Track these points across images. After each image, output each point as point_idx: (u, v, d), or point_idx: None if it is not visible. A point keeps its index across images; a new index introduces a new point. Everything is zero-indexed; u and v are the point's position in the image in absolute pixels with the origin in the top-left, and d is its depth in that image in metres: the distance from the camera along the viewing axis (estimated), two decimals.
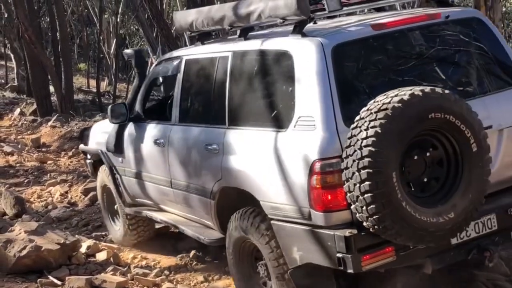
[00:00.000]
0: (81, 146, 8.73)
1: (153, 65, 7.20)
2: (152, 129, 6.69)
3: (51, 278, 6.64)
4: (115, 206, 7.72)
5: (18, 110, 18.54)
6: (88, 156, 8.28)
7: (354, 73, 4.91)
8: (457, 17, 5.35)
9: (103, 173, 7.77)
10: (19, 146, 14.19)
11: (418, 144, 4.49)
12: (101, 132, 7.74)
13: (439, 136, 4.54)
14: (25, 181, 11.40)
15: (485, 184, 4.60)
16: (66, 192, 10.21)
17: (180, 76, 6.36)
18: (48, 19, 23.00)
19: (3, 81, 26.65)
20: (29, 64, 18.83)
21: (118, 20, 26.36)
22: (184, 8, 21.63)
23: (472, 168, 4.53)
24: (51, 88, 18.87)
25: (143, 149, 6.80)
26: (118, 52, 24.15)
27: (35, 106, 18.34)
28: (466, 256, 4.90)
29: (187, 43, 6.77)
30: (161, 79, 7.30)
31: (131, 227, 7.53)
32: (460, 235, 4.75)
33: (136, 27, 26.44)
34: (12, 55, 25.26)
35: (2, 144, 14.20)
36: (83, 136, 8.53)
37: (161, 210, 6.95)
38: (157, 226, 7.62)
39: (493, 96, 5.14)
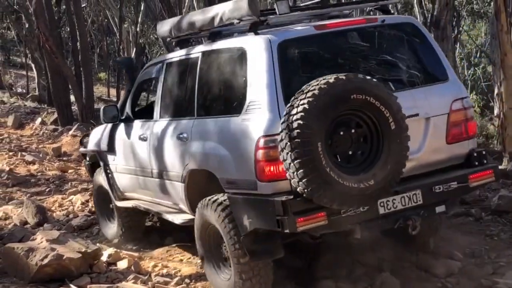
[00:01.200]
0: (81, 148, 9.40)
1: (142, 70, 7.92)
2: (139, 127, 7.49)
3: (72, 286, 6.66)
4: (110, 205, 8.40)
5: (39, 120, 18.67)
6: (87, 158, 9.05)
7: (296, 64, 5.77)
8: (393, 22, 6.21)
9: (98, 174, 8.51)
10: (41, 155, 14.29)
11: (345, 122, 5.24)
12: (98, 135, 8.48)
13: (362, 115, 5.25)
14: (47, 190, 11.49)
15: (403, 158, 5.31)
16: (87, 201, 10.25)
17: (161, 77, 7.18)
18: (68, 29, 23.16)
19: (24, 90, 26.86)
20: (50, 74, 18.94)
21: (138, 29, 26.52)
22: None
23: (391, 144, 5.25)
24: (72, 98, 18.98)
25: (131, 146, 7.60)
26: (138, 61, 24.27)
27: (56, 115, 18.46)
28: (393, 225, 5.57)
29: None
30: (147, 82, 8.04)
31: (122, 222, 8.22)
32: (387, 207, 5.48)
33: (156, 36, 26.54)
34: (33, 65, 25.46)
35: (23, 153, 14.30)
36: (83, 141, 9.38)
37: (145, 200, 7.66)
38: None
39: (422, 89, 5.91)
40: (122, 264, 7.21)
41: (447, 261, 6.66)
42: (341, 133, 5.22)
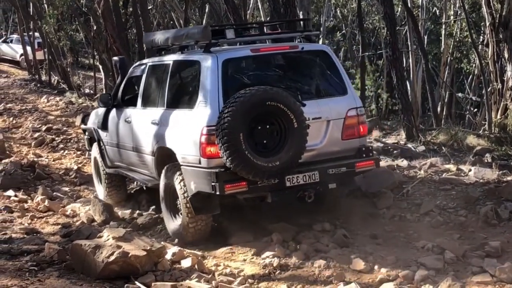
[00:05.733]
0: (82, 125, 12.08)
1: (131, 68, 10.03)
2: (125, 112, 9.69)
3: (137, 283, 6.75)
4: (102, 171, 10.65)
5: None
6: (86, 133, 11.45)
7: (234, 76, 7.87)
8: (310, 49, 8.38)
9: (95, 147, 10.83)
10: None
11: (262, 120, 7.40)
12: (95, 115, 10.83)
13: (274, 116, 7.41)
14: (129, 191, 11.63)
15: (302, 147, 7.48)
16: (152, 199, 10.38)
17: (144, 76, 9.36)
18: (135, 31, 23.51)
19: (92, 91, 27.34)
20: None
21: None
22: (268, 18, 21.72)
23: (293, 137, 7.41)
24: None
25: (119, 126, 9.83)
26: None
27: None
28: (295, 195, 7.80)
29: None
30: (134, 78, 9.85)
31: (109, 184, 10.52)
32: (292, 181, 7.63)
33: None
34: (100, 66, 25.85)
35: (90, 152, 14.57)
36: (84, 119, 11.86)
37: (127, 168, 9.86)
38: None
39: (325, 100, 8.08)
40: (185, 263, 7.27)
41: None
42: (259, 128, 7.41)
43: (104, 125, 10.29)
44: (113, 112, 10.08)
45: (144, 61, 9.86)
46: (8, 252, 7.83)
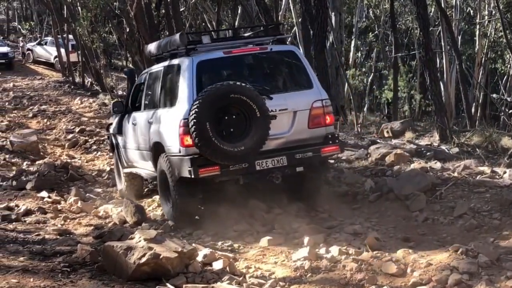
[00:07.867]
0: (106, 132, 13.69)
1: (138, 76, 11.42)
2: (133, 116, 10.83)
3: (169, 285, 6.75)
4: (121, 172, 11.76)
5: None
6: (108, 139, 12.87)
7: (208, 76, 8.92)
8: (278, 49, 9.41)
9: (115, 151, 11.99)
10: None
11: (228, 111, 8.41)
12: (115, 122, 11.92)
13: (239, 107, 8.40)
14: (145, 190, 11.73)
15: (265, 134, 8.44)
16: None
17: (146, 82, 10.65)
18: (167, 33, 23.60)
19: (125, 93, 27.53)
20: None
21: None
22: (300, 20, 21.68)
23: (257, 125, 8.41)
24: None
25: (129, 129, 11.02)
26: None
27: None
28: (265, 177, 8.73)
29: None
30: (140, 85, 11.02)
31: (128, 183, 11.51)
32: (262, 165, 8.64)
33: None
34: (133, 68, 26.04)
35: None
36: (109, 127, 12.75)
37: (137, 167, 10.92)
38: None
39: (291, 93, 9.08)
40: (217, 265, 7.26)
41: None
42: (226, 117, 8.41)
43: (119, 130, 11.52)
44: (125, 117, 11.31)
45: (146, 70, 11.12)
46: (41, 253, 7.91)
